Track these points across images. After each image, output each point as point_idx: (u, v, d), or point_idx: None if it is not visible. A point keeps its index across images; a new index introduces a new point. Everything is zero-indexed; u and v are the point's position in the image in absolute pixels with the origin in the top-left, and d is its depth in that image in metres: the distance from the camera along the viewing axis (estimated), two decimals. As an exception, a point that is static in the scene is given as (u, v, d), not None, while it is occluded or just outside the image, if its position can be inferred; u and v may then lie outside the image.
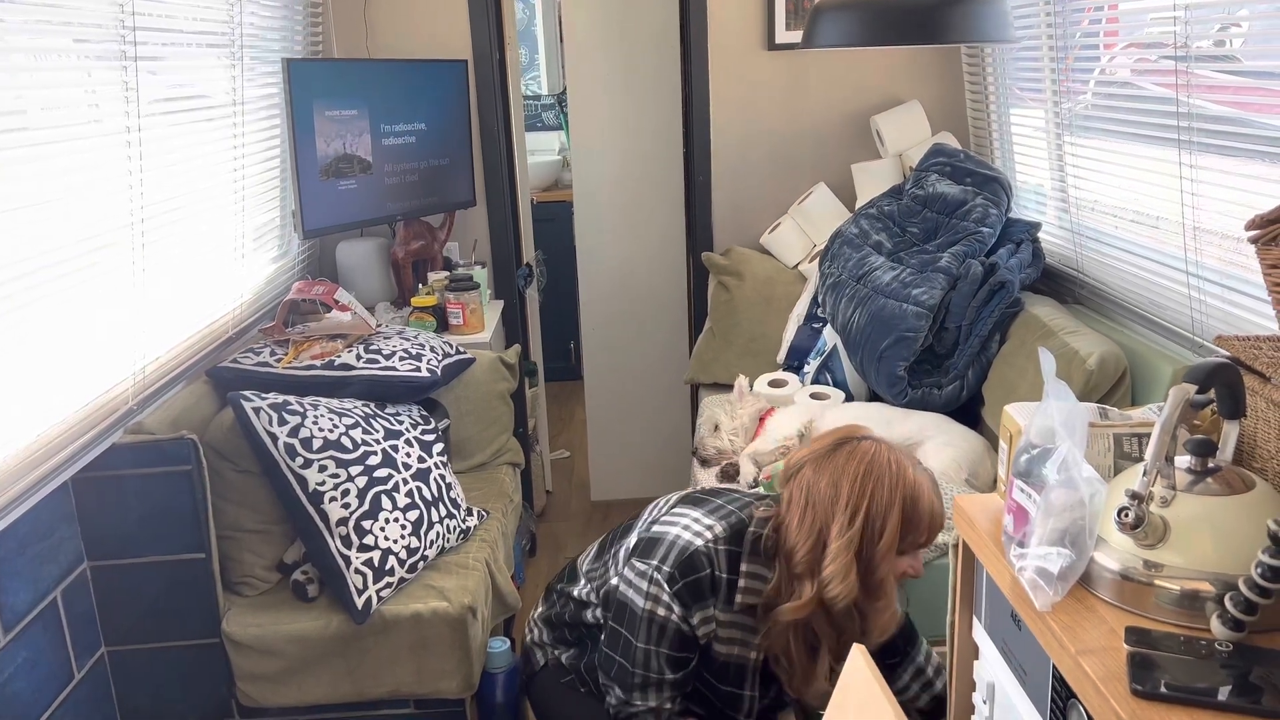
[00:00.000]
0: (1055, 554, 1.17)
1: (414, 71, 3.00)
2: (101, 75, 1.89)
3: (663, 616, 1.63)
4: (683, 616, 1.63)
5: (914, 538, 1.58)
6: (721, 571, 1.63)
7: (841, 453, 1.60)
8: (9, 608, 1.72)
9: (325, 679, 2.05)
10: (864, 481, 1.56)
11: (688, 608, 1.63)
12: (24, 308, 1.66)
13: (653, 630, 1.63)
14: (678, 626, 1.63)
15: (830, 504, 1.57)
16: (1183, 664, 1.05)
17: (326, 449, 2.07)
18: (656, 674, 1.64)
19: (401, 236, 3.08)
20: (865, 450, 1.59)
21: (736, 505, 1.72)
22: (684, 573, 1.62)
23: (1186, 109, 1.89)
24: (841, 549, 1.55)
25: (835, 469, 1.58)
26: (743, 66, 3.17)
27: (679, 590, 1.62)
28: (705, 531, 1.65)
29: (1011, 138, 2.91)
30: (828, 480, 1.58)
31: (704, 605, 1.63)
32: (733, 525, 1.67)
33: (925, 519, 1.58)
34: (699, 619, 1.64)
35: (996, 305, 2.44)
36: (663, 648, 1.64)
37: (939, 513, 1.60)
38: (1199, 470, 1.18)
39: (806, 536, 1.58)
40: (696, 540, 1.64)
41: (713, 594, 1.63)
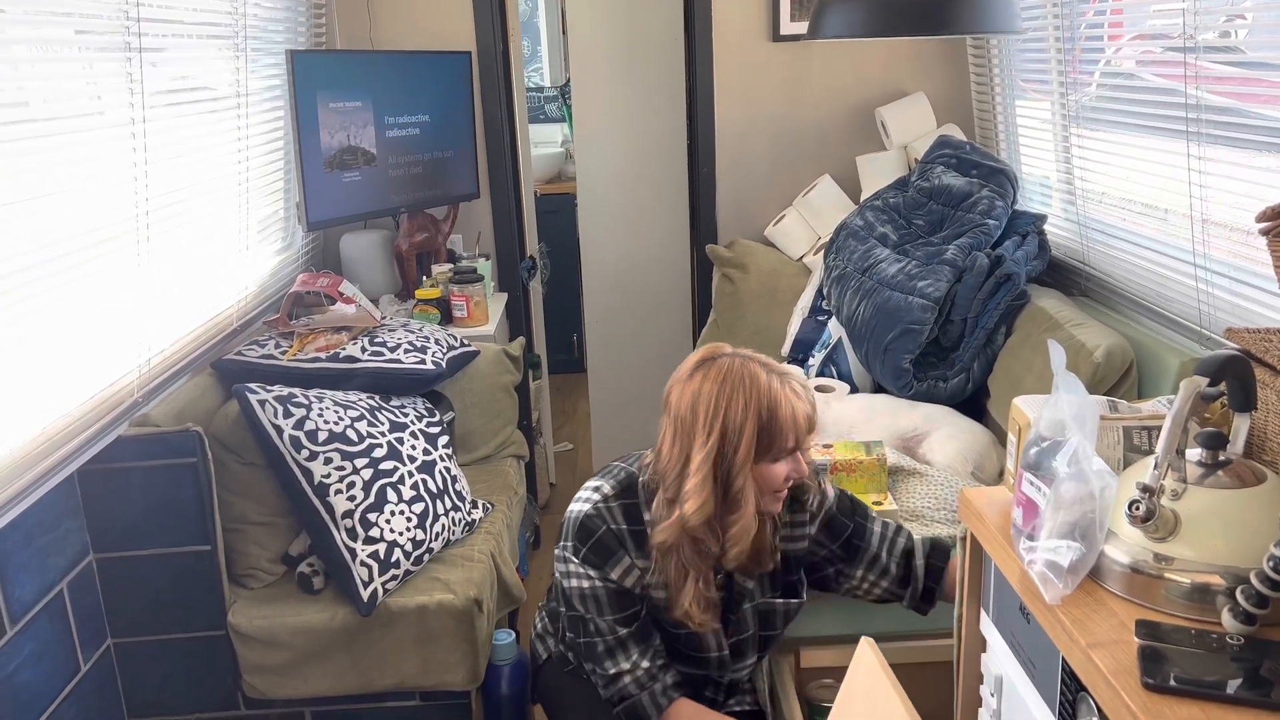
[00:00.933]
0: (1065, 547, 1.17)
1: (418, 63, 2.99)
2: (106, 67, 1.89)
3: (587, 586, 1.67)
4: (602, 577, 1.66)
5: (780, 444, 1.58)
6: (619, 524, 1.67)
7: (699, 374, 1.61)
8: (15, 600, 1.72)
9: (331, 671, 2.05)
10: (719, 398, 1.57)
11: (601, 568, 1.66)
12: (29, 300, 1.66)
13: (588, 601, 1.68)
14: (604, 588, 1.67)
15: (691, 425, 1.59)
16: (1194, 657, 1.04)
17: (332, 441, 2.07)
18: (611, 635, 1.68)
19: (405, 229, 3.07)
20: (721, 367, 1.59)
21: (628, 461, 1.76)
22: (582, 539, 1.67)
23: (1195, 101, 1.88)
24: (699, 465, 1.57)
25: (694, 391, 1.60)
26: (747, 58, 3.16)
27: (585, 556, 1.67)
28: (593, 495, 1.70)
29: (1017, 130, 2.90)
30: (689, 403, 1.60)
31: (616, 560, 1.66)
32: (620, 480, 1.71)
33: (787, 425, 1.57)
34: (619, 573, 1.67)
35: (1002, 298, 2.43)
36: (605, 614, 1.67)
37: (804, 414, 1.59)
38: (1210, 463, 1.17)
39: (675, 461, 1.61)
40: (585, 506, 1.69)
41: (621, 547, 1.67)
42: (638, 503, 1.69)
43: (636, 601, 1.69)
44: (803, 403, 1.60)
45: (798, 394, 1.60)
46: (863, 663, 1.29)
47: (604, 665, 1.69)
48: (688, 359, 1.68)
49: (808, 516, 1.78)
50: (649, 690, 1.69)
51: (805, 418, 1.60)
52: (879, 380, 2.64)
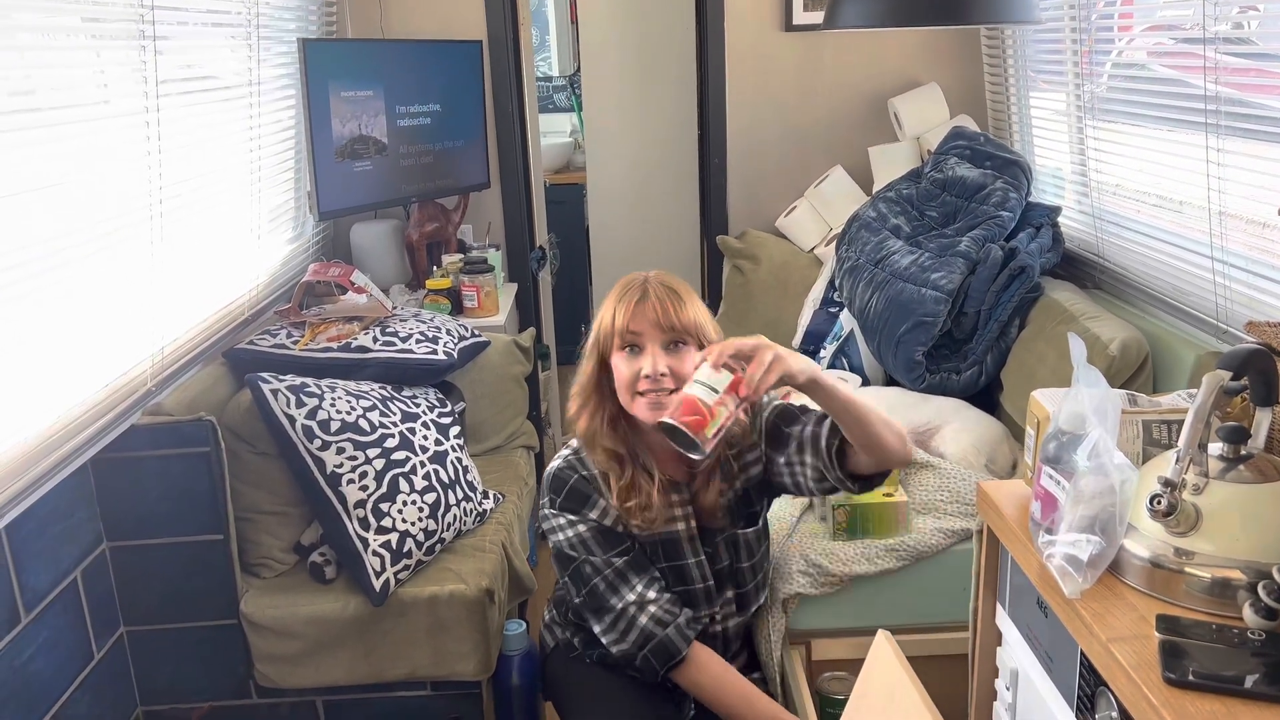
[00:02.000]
0: (1085, 541, 1.16)
1: (429, 52, 2.98)
2: (119, 55, 1.88)
3: (572, 534, 1.71)
4: (583, 519, 1.71)
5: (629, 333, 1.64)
6: (585, 471, 1.73)
7: None
8: (29, 588, 1.73)
9: (343, 660, 2.05)
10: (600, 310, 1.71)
11: (579, 513, 1.71)
12: (44, 289, 1.66)
13: (577, 546, 1.71)
14: (588, 529, 1.71)
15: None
16: (1215, 652, 1.04)
17: (344, 431, 2.07)
18: (609, 569, 1.69)
19: (416, 218, 3.07)
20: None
21: None
22: (555, 490, 1.73)
23: (1215, 93, 1.87)
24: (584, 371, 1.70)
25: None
26: (760, 47, 3.14)
27: (561, 505, 1.72)
28: (563, 450, 1.78)
29: (1031, 121, 2.88)
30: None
31: (592, 502, 1.71)
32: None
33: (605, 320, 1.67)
34: (597, 514, 1.71)
35: (1016, 290, 2.42)
36: (596, 553, 1.70)
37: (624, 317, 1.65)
38: (1231, 457, 1.17)
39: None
40: (557, 462, 1.76)
41: (595, 490, 1.71)
42: None
43: (624, 538, 1.72)
44: (629, 304, 1.65)
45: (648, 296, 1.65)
46: (879, 656, 1.28)
47: (610, 602, 1.68)
48: None
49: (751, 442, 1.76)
50: (673, 625, 1.68)
51: (626, 315, 1.64)
52: (891, 373, 2.63)
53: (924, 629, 1.99)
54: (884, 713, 1.25)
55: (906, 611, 2.01)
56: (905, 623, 1.97)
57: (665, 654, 1.67)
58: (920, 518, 2.09)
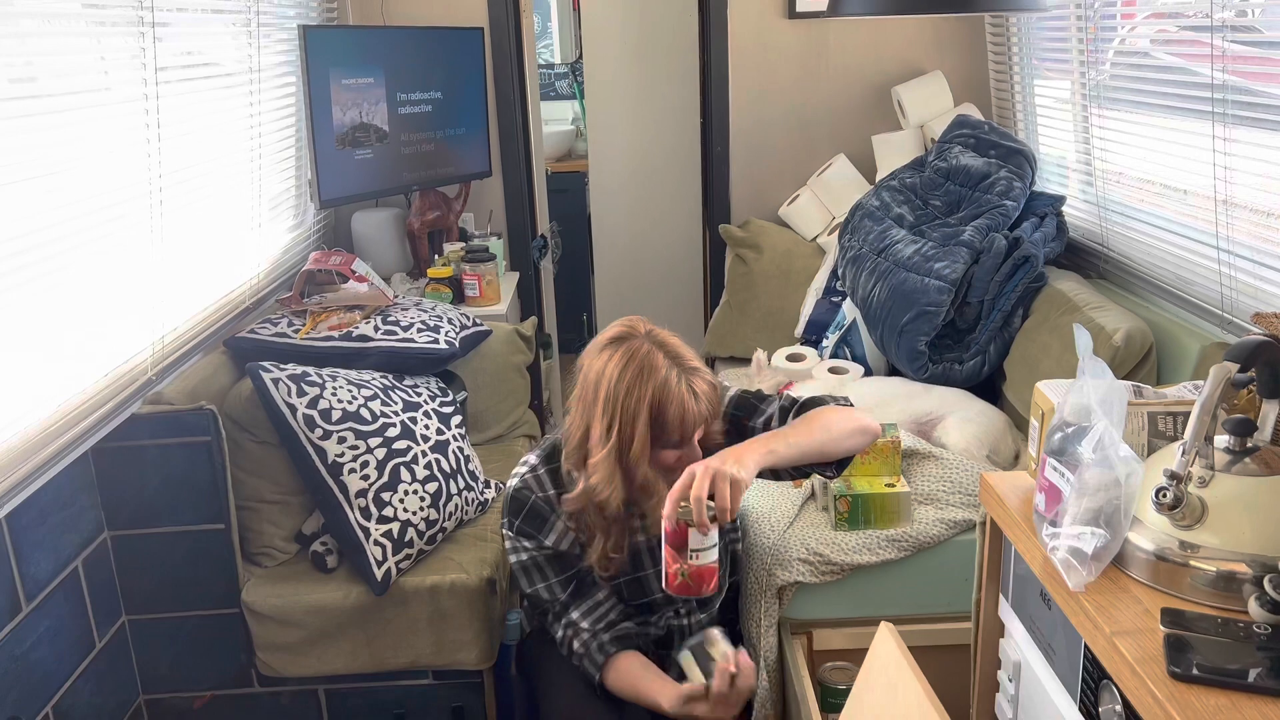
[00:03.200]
0: (1089, 534, 1.16)
1: (430, 39, 2.97)
2: (118, 42, 1.87)
3: (527, 559, 1.75)
4: (538, 546, 1.73)
5: (667, 437, 1.61)
6: (548, 490, 1.73)
7: (608, 350, 1.63)
8: (31, 577, 1.73)
9: (344, 650, 2.05)
10: (619, 384, 1.58)
11: (534, 538, 1.73)
12: (44, 277, 1.65)
13: (531, 572, 1.75)
14: (542, 555, 1.74)
15: (591, 407, 1.61)
16: (1220, 646, 1.03)
17: (345, 420, 2.06)
18: (557, 602, 1.75)
19: (417, 207, 3.05)
20: (630, 349, 1.61)
21: (556, 432, 1.84)
22: (514, 512, 1.74)
23: (1222, 81, 1.85)
24: (603, 459, 1.60)
25: (599, 369, 1.62)
26: (763, 35, 3.12)
27: (519, 528, 1.73)
28: (521, 468, 1.77)
29: (1035, 109, 2.87)
30: (594, 380, 1.62)
31: (550, 526, 1.73)
32: (545, 449, 1.77)
33: (674, 422, 1.59)
34: (553, 539, 1.73)
35: (1020, 280, 2.41)
36: (549, 577, 1.75)
37: (693, 413, 1.59)
38: (1238, 450, 1.16)
39: (575, 431, 1.65)
40: (514, 481, 1.76)
41: (552, 512, 1.73)
42: (559, 465, 1.75)
43: (575, 561, 1.75)
44: (696, 402, 1.60)
45: (694, 392, 1.60)
46: (882, 648, 1.28)
47: (553, 628, 1.78)
48: (607, 329, 1.70)
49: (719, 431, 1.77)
50: (589, 649, 1.75)
51: (694, 418, 1.60)
52: (894, 362, 2.63)
53: (925, 619, 1.99)
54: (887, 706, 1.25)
55: (907, 602, 2.00)
56: (906, 613, 1.97)
57: (588, 671, 1.75)
58: (922, 508, 2.08)
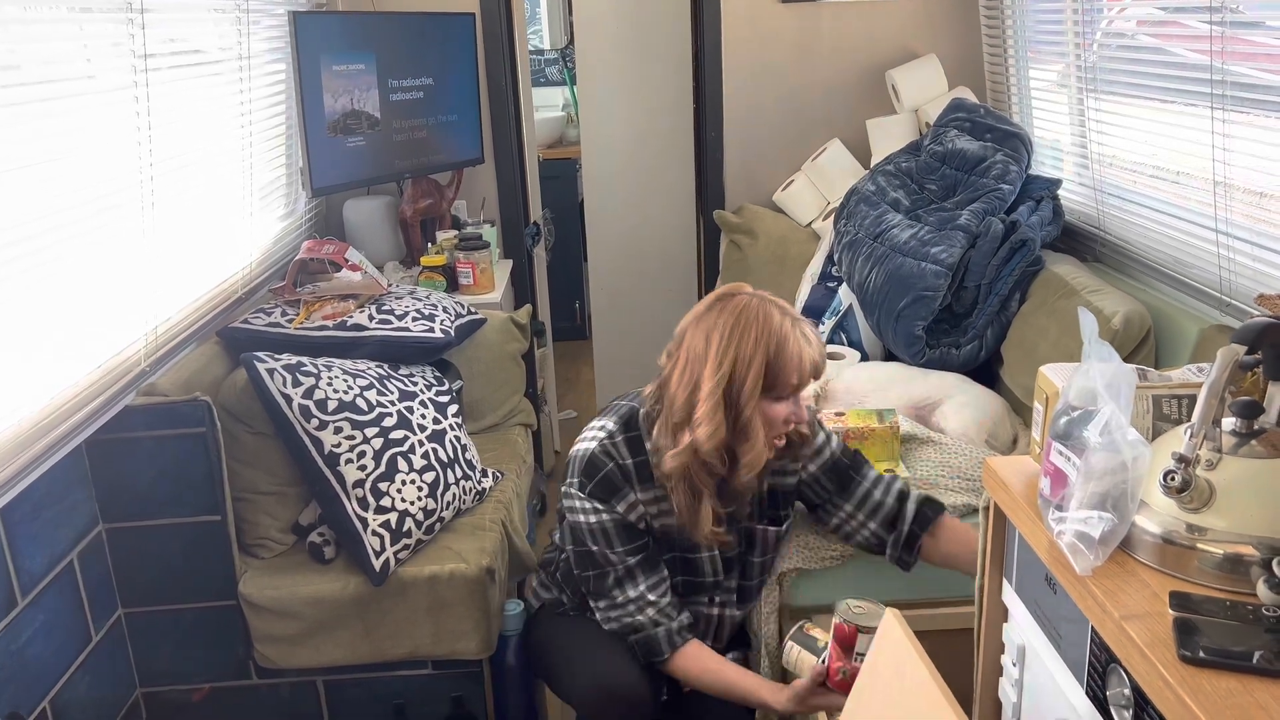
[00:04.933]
0: (1096, 518, 1.15)
1: (422, 24, 2.94)
2: (106, 30, 1.84)
3: (594, 521, 1.72)
4: (609, 510, 1.72)
5: (785, 380, 1.63)
6: (625, 459, 1.73)
7: (715, 309, 1.66)
8: (25, 571, 1.71)
9: (343, 641, 2.04)
10: (732, 332, 1.62)
11: (608, 503, 1.71)
12: (35, 269, 1.63)
13: (596, 535, 1.72)
14: (611, 520, 1.72)
15: (702, 356, 1.64)
16: (1229, 629, 1.03)
17: (341, 410, 2.05)
18: (621, 565, 1.73)
19: (409, 194, 3.03)
20: (737, 304, 1.65)
21: (629, 398, 1.81)
22: (589, 475, 1.72)
23: (1220, 65, 1.84)
24: (709, 393, 1.62)
25: (709, 324, 1.65)
26: (756, 18, 3.10)
27: (592, 491, 1.72)
28: (599, 432, 1.75)
29: (1030, 92, 2.86)
30: (702, 336, 1.65)
31: (622, 495, 1.72)
32: (623, 415, 1.77)
33: (792, 363, 1.62)
34: (624, 507, 1.72)
35: (1017, 264, 2.40)
36: (614, 545, 1.72)
37: (810, 358, 1.64)
38: (1244, 432, 1.15)
39: (684, 389, 1.65)
40: (591, 444, 1.74)
41: (625, 482, 1.72)
42: (640, 435, 1.74)
43: (643, 534, 1.74)
44: (811, 348, 1.65)
45: (807, 338, 1.65)
46: (889, 635, 1.27)
47: (613, 594, 1.74)
48: (706, 296, 1.72)
49: (800, 462, 1.83)
50: (665, 627, 1.73)
51: (811, 361, 1.65)
52: (890, 348, 2.62)
53: (924, 604, 1.98)
54: (894, 692, 1.24)
55: (907, 587, 2.00)
56: (905, 598, 1.96)
57: (650, 650, 1.73)
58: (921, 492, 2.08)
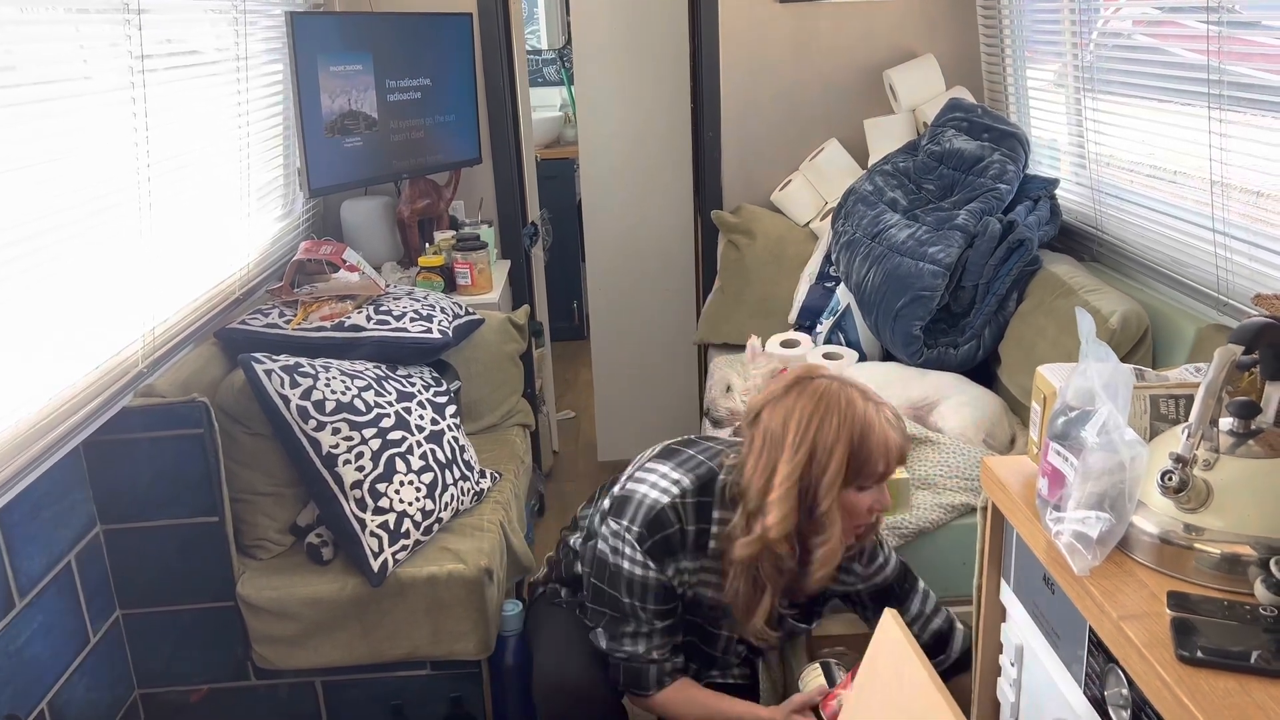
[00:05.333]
0: (1094, 518, 1.15)
1: (419, 25, 2.94)
2: (103, 30, 1.84)
3: (640, 575, 1.67)
4: (659, 572, 1.67)
5: (869, 469, 1.58)
6: (690, 524, 1.67)
7: (793, 391, 1.61)
8: (23, 572, 1.71)
9: (341, 641, 2.04)
10: (812, 417, 1.57)
11: (661, 563, 1.67)
12: (33, 270, 1.63)
13: (634, 588, 1.68)
14: (657, 581, 1.67)
15: (780, 440, 1.58)
16: (1227, 629, 1.03)
17: (339, 411, 2.05)
18: (647, 624, 1.70)
19: (407, 195, 3.03)
20: (817, 387, 1.60)
21: (707, 455, 1.73)
22: (653, 530, 1.65)
23: (1217, 64, 1.85)
24: (784, 479, 1.56)
25: (787, 407, 1.60)
26: (753, 19, 3.10)
27: (650, 549, 1.66)
28: (672, 487, 1.67)
29: (1027, 92, 2.86)
30: (780, 419, 1.59)
31: (675, 559, 1.68)
32: (701, 477, 1.69)
33: (877, 452, 1.56)
34: (672, 572, 1.68)
35: (1014, 264, 2.40)
36: (648, 603, 1.68)
37: (896, 445, 1.58)
38: (1241, 432, 1.16)
39: (760, 475, 1.60)
40: (663, 498, 1.66)
41: (681, 548, 1.67)
42: (711, 501, 1.67)
43: (676, 599, 1.70)
44: (895, 432, 1.58)
45: (891, 423, 1.59)
46: (886, 635, 1.27)
47: (622, 640, 1.71)
48: (781, 378, 1.68)
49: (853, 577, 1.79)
50: (659, 666, 1.71)
51: (898, 448, 1.58)
52: (888, 347, 2.62)
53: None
54: (892, 692, 1.24)
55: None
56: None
57: (635, 681, 1.71)
58: (919, 493, 2.08)
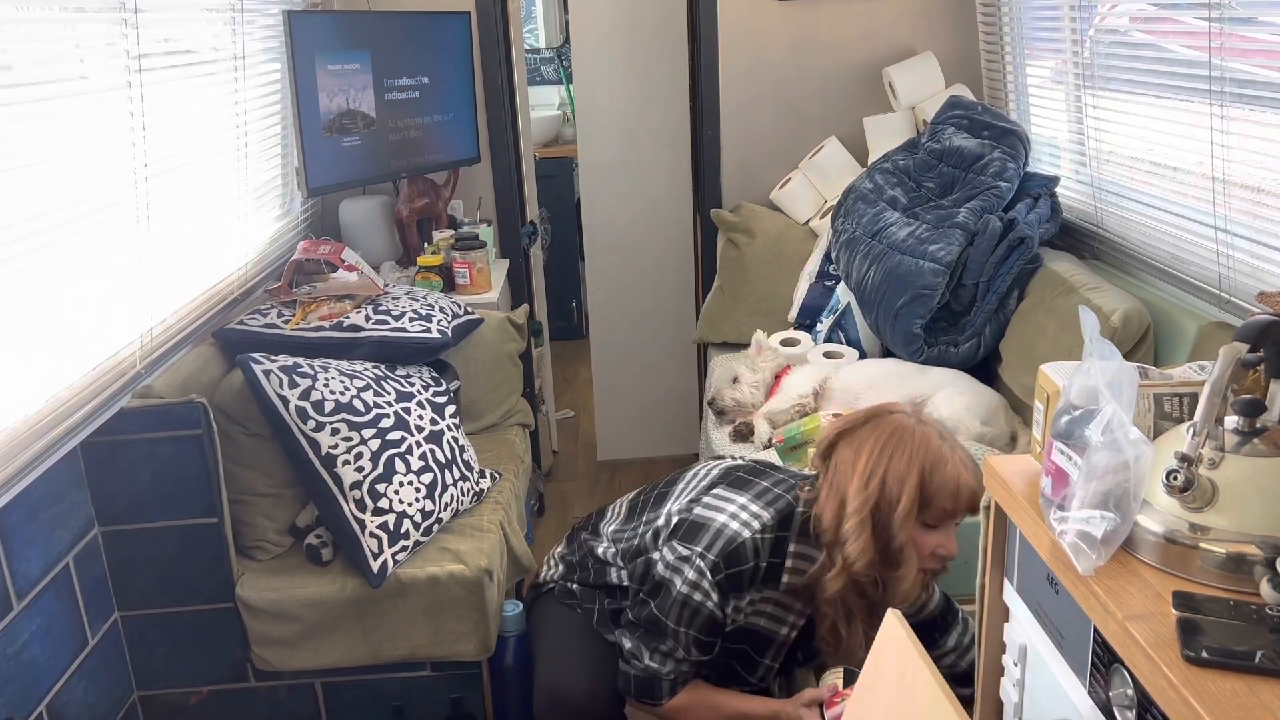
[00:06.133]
0: (1098, 517, 1.14)
1: (417, 23, 2.93)
2: (100, 30, 1.83)
3: (698, 602, 1.64)
4: (719, 604, 1.64)
5: (939, 505, 1.56)
6: (764, 560, 1.64)
7: (869, 424, 1.61)
8: (21, 575, 1.70)
9: (341, 643, 2.03)
10: (885, 449, 1.56)
11: (725, 596, 1.64)
12: (27, 271, 1.62)
13: (684, 613, 1.65)
14: (711, 613, 1.64)
15: (851, 470, 1.58)
16: (1233, 629, 1.03)
17: (338, 412, 2.04)
18: (683, 650, 1.67)
19: (405, 194, 3.02)
20: (892, 421, 1.59)
21: (783, 488, 1.72)
22: (729, 564, 1.62)
23: (1219, 59, 1.84)
24: (856, 511, 1.55)
25: (860, 439, 1.59)
26: (753, 16, 3.09)
27: (720, 581, 1.62)
28: (753, 520, 1.65)
29: (1027, 90, 2.85)
30: (853, 450, 1.59)
31: (740, 594, 1.65)
32: (781, 511, 1.67)
33: (949, 488, 1.55)
34: (731, 607, 1.66)
35: (1015, 262, 2.40)
36: (693, 630, 1.66)
37: (968, 484, 1.56)
38: (1247, 431, 1.15)
39: (831, 505, 1.59)
40: (744, 531, 1.64)
41: (751, 583, 1.65)
42: (788, 536, 1.66)
43: (720, 633, 1.68)
44: (969, 474, 1.56)
45: (966, 464, 1.57)
46: (889, 635, 1.27)
47: (649, 657, 1.69)
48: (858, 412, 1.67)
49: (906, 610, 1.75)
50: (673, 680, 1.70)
51: (969, 489, 1.55)
52: (889, 346, 2.62)
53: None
54: (896, 692, 1.24)
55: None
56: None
57: (647, 690, 1.70)
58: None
